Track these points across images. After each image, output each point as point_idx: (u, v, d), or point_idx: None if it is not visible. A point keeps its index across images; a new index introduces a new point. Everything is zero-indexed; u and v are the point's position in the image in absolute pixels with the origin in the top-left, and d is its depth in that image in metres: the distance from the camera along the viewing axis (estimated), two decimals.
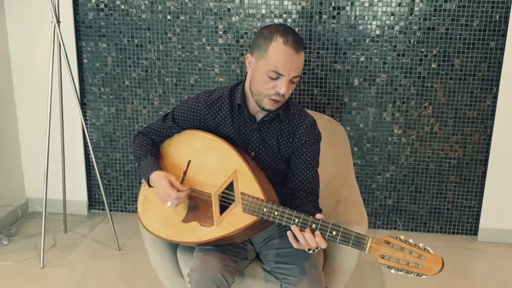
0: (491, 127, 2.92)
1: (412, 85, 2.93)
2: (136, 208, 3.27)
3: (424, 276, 1.50)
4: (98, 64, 3.12)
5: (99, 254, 2.90)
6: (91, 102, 3.18)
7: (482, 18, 2.79)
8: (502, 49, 2.81)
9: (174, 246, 2.09)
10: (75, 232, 3.13)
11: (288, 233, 1.68)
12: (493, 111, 2.90)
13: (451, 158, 3.02)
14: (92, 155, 2.90)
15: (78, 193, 3.31)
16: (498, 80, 2.86)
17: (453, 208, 3.09)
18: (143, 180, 1.99)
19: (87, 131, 2.91)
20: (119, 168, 3.27)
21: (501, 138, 2.91)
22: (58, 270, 2.73)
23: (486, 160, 2.98)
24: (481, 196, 3.03)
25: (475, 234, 3.11)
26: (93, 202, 3.37)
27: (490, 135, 2.94)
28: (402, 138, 3.01)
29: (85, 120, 3.20)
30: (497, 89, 2.87)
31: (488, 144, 2.95)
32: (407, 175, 3.07)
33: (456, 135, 2.98)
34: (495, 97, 2.89)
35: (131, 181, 3.29)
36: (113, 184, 3.31)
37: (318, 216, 1.65)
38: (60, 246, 2.97)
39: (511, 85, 2.82)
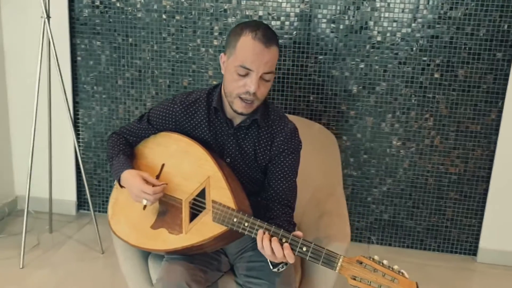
0: (495, 143, 2.78)
1: (413, 95, 2.80)
2: None
3: None
4: (91, 62, 3.05)
5: (82, 257, 2.82)
6: (84, 101, 3.11)
7: (489, 28, 2.66)
8: (510, 61, 2.68)
9: (145, 253, 2.00)
10: (60, 232, 3.05)
11: (257, 236, 1.56)
12: (498, 125, 2.76)
13: (451, 174, 2.88)
14: (79, 155, 2.83)
15: (67, 192, 3.24)
16: (504, 93, 2.72)
17: (452, 226, 2.95)
18: (115, 182, 1.90)
19: (74, 130, 2.83)
20: (110, 169, 3.19)
21: (505, 154, 2.76)
22: (37, 271, 2.66)
23: (489, 177, 2.83)
24: (482, 214, 2.88)
25: (474, 254, 2.95)
26: (82, 202, 3.30)
27: (494, 151, 2.79)
28: (401, 150, 2.89)
29: (76, 119, 3.13)
30: (503, 103, 2.73)
31: (491, 160, 2.81)
32: (405, 189, 2.94)
33: (457, 149, 2.84)
34: (500, 111, 2.75)
35: None
36: (103, 185, 3.23)
37: (296, 233, 1.54)
38: (43, 246, 2.90)
39: None
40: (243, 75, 1.66)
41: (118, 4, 2.92)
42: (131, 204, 1.82)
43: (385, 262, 1.42)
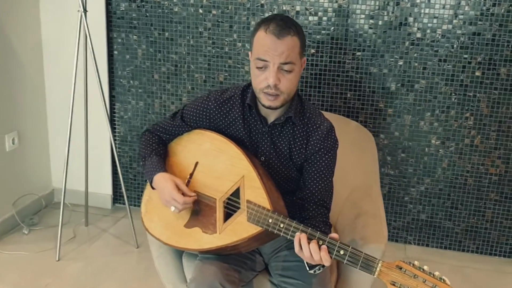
0: None
1: (453, 94, 2.72)
2: None
3: None
4: (128, 57, 3.06)
5: (117, 250, 2.85)
6: (120, 95, 3.13)
7: None
8: None
9: (179, 251, 2.00)
10: (96, 226, 3.09)
11: (295, 239, 1.54)
12: None
13: (492, 174, 2.79)
14: (114, 149, 2.85)
15: (103, 186, 3.28)
16: None
17: (491, 227, 2.86)
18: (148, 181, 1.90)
19: (110, 124, 2.85)
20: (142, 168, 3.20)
21: None
22: (72, 264, 2.69)
23: None
24: None
25: None
26: (118, 196, 3.33)
27: None
28: (440, 150, 2.81)
29: (112, 113, 3.15)
30: None
31: None
32: (443, 189, 2.87)
33: (498, 149, 2.75)
34: None
35: None
36: (139, 179, 3.25)
37: (332, 235, 1.51)
38: (79, 239, 2.94)
39: None
40: (261, 68, 1.65)
41: None
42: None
43: (425, 267, 1.37)
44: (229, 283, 1.68)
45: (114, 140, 3.19)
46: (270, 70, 1.62)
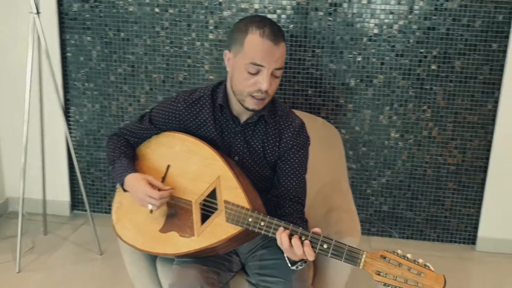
0: (492, 133, 2.79)
1: (411, 87, 2.79)
2: None
3: None
4: (82, 58, 2.97)
5: (79, 259, 2.76)
6: (75, 98, 3.04)
7: (484, 19, 2.65)
8: (505, 51, 2.68)
9: (153, 257, 1.95)
10: (55, 234, 2.99)
11: (277, 234, 1.53)
12: (494, 116, 2.77)
13: (449, 164, 2.88)
14: (73, 154, 2.75)
15: (60, 192, 3.17)
16: (500, 84, 2.73)
17: (451, 215, 2.96)
18: (117, 185, 1.85)
19: (68, 128, 2.76)
20: (104, 167, 3.13)
21: (502, 144, 2.78)
22: (34, 275, 2.59)
23: (486, 167, 2.85)
24: (480, 203, 2.90)
25: (473, 243, 2.97)
26: (76, 202, 3.23)
27: (491, 141, 2.80)
28: (399, 142, 2.88)
29: (67, 117, 3.05)
30: (499, 93, 2.74)
31: (489, 150, 2.82)
32: (404, 180, 2.94)
33: (455, 140, 2.84)
34: (496, 101, 2.75)
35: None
36: (97, 184, 3.17)
37: (315, 230, 1.51)
38: (38, 249, 2.83)
39: None
40: (254, 73, 1.62)
41: None
42: (137, 208, 1.77)
43: (409, 256, 1.39)
44: (209, 286, 1.66)
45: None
46: (264, 75, 1.61)
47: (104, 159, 3.11)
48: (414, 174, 2.92)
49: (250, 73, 1.63)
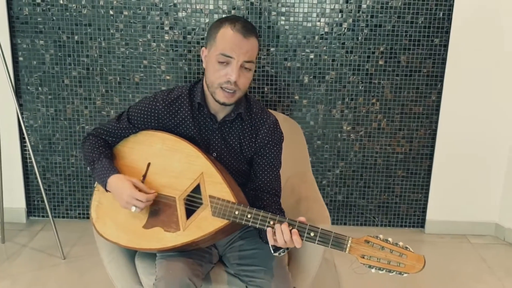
0: (436, 122, 3.00)
1: (360, 82, 2.95)
2: (83, 214, 3.13)
3: (406, 275, 1.49)
4: (35, 62, 2.93)
5: (43, 264, 2.73)
6: (28, 103, 2.99)
7: (426, 16, 2.85)
8: (446, 46, 2.89)
9: (131, 254, 1.99)
10: (14, 242, 2.93)
11: (268, 230, 1.62)
12: (438, 106, 2.98)
13: (398, 153, 3.07)
14: (33, 159, 2.72)
15: (16, 199, 3.11)
16: (442, 76, 2.93)
17: (400, 201, 3.15)
18: (96, 184, 1.88)
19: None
20: (60, 172, 3.10)
21: (445, 132, 2.99)
22: None
23: (432, 154, 3.06)
24: (427, 189, 3.11)
25: (422, 226, 3.19)
26: (32, 208, 3.18)
27: (435, 130, 3.01)
28: (351, 135, 3.04)
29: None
30: (442, 85, 2.95)
31: (434, 138, 3.03)
32: (356, 170, 3.10)
33: (402, 130, 3.03)
34: (439, 93, 2.96)
35: (73, 186, 3.12)
36: (54, 189, 3.13)
37: (300, 219, 1.61)
38: None
39: (455, 80, 2.91)
40: (224, 63, 1.70)
41: (61, 1, 2.83)
42: (117, 207, 1.80)
43: (390, 239, 1.52)
44: (195, 277, 1.73)
45: (25, 150, 3.05)
46: (233, 66, 1.69)
47: (60, 163, 3.08)
48: (366, 164, 3.09)
49: (221, 63, 1.70)
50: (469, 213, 3.14)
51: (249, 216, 1.64)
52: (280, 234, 1.58)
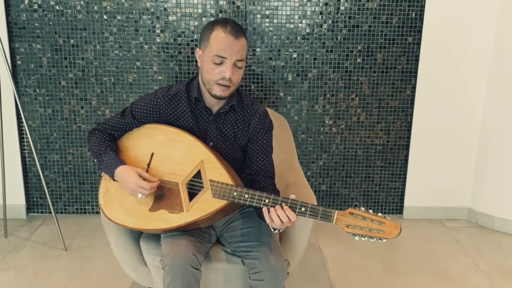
0: (411, 115, 3.23)
1: (340, 79, 3.17)
2: (81, 209, 3.28)
3: (384, 240, 1.70)
4: (32, 66, 3.09)
5: (46, 255, 2.89)
6: (26, 104, 3.15)
7: (400, 16, 3.08)
8: (419, 44, 3.12)
9: (136, 237, 2.17)
10: (16, 236, 3.08)
11: (264, 209, 1.80)
12: (412, 100, 3.21)
13: (376, 145, 3.29)
14: (35, 156, 2.88)
15: (16, 196, 3.26)
16: (416, 72, 3.17)
17: (380, 190, 3.37)
18: (102, 174, 2.06)
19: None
20: (57, 169, 3.25)
21: (420, 124, 3.22)
22: (4, 274, 2.69)
23: (408, 145, 3.29)
24: (405, 177, 3.34)
25: (401, 212, 3.41)
26: (31, 205, 3.33)
27: (411, 122, 3.24)
28: (333, 128, 3.25)
29: (20, 122, 3.15)
30: (415, 80, 3.18)
31: (409, 130, 3.26)
32: (338, 162, 3.31)
33: (380, 123, 3.26)
34: (414, 88, 3.19)
35: (70, 182, 3.28)
36: (52, 186, 3.29)
37: (292, 196, 1.81)
38: (1, 251, 2.92)
39: (428, 76, 3.14)
40: (219, 63, 1.90)
41: (57, 7, 2.99)
42: (124, 193, 1.98)
43: (370, 211, 1.74)
44: (198, 253, 1.92)
45: (24, 149, 3.20)
46: (227, 65, 1.89)
47: (58, 161, 3.23)
48: (347, 155, 3.30)
49: (216, 64, 1.91)
50: (444, 199, 3.38)
51: (246, 196, 1.83)
52: (276, 217, 1.78)
